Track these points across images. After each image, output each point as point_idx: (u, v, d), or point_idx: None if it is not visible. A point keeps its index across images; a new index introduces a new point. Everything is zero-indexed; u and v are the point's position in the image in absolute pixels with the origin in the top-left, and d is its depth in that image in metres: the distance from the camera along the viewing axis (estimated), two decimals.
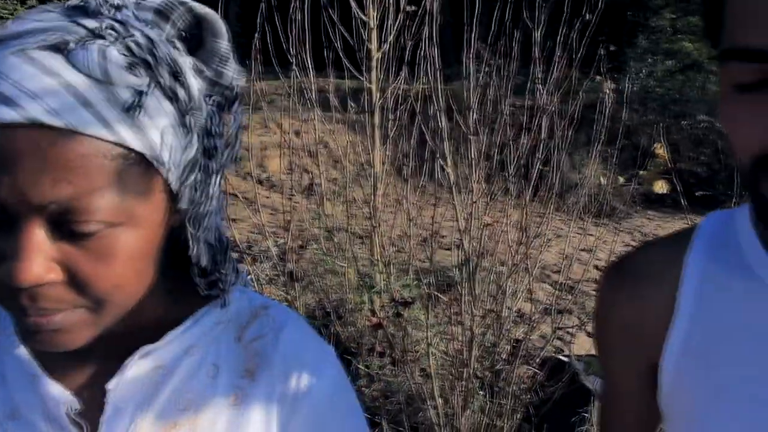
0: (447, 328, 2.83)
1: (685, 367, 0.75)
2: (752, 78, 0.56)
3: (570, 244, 3.61)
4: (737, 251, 0.72)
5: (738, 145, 0.60)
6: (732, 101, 0.59)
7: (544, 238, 3.67)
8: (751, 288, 0.71)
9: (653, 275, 0.79)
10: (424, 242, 4.53)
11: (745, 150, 0.58)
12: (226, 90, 0.71)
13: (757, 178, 0.60)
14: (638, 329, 0.79)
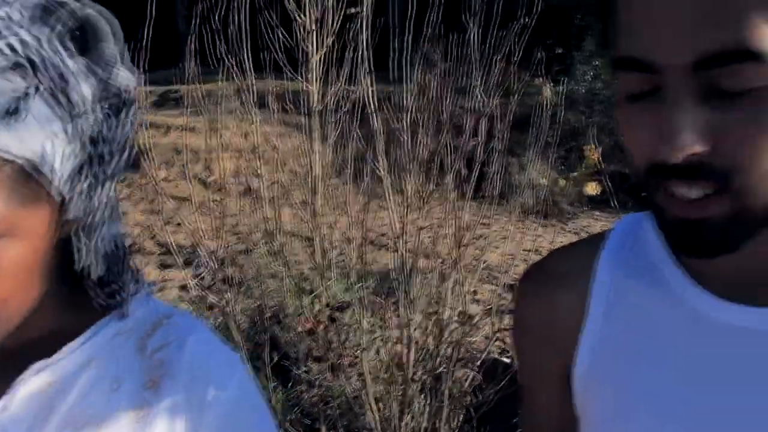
0: (387, 332, 2.82)
1: (594, 373, 0.75)
2: (641, 88, 0.57)
3: (515, 244, 3.65)
4: (645, 255, 0.73)
5: (631, 153, 0.60)
6: (624, 109, 0.59)
7: (486, 239, 3.71)
8: (657, 293, 0.71)
9: (566, 280, 0.79)
10: (370, 244, 4.51)
11: (638, 158, 0.59)
12: (117, 93, 0.67)
13: (650, 186, 0.60)
14: (552, 334, 0.79)
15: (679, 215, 0.59)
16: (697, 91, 0.53)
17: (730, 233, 0.58)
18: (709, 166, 0.55)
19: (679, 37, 0.52)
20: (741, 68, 0.51)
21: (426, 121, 2.73)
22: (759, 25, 0.50)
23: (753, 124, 0.53)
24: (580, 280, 0.77)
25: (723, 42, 0.51)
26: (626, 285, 0.74)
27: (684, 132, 0.53)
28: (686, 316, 0.68)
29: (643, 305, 0.72)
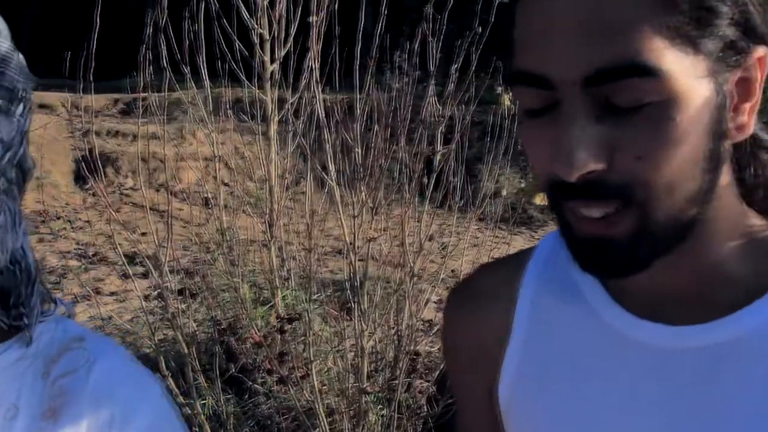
0: (343, 343, 2.80)
1: (517, 393, 0.74)
2: (539, 103, 0.56)
3: (485, 252, 3.64)
4: (567, 272, 0.72)
5: (534, 168, 0.59)
6: (525, 125, 0.58)
7: (455, 247, 3.70)
8: (577, 311, 0.70)
9: (491, 297, 0.78)
10: (338, 254, 4.50)
11: (541, 176, 0.58)
12: (6, 92, 0.65)
13: (554, 203, 0.60)
14: (479, 353, 0.78)
15: (584, 234, 0.58)
16: (591, 107, 0.53)
17: (638, 251, 0.57)
18: (608, 182, 0.54)
19: (571, 53, 0.51)
20: (633, 83, 0.51)
21: (381, 130, 2.72)
22: (651, 41, 0.50)
23: (649, 139, 0.52)
24: (504, 297, 0.76)
25: (614, 57, 0.50)
26: (548, 303, 0.73)
27: (578, 150, 0.53)
28: (604, 334, 0.68)
29: (564, 324, 0.71)
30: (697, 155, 0.55)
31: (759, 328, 0.60)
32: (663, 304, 0.65)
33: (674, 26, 0.51)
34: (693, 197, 0.56)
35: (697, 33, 0.52)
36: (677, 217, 0.56)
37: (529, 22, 0.55)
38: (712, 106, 0.55)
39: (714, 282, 0.63)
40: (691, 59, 0.52)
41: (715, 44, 0.53)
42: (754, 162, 0.67)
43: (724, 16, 0.53)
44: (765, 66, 0.57)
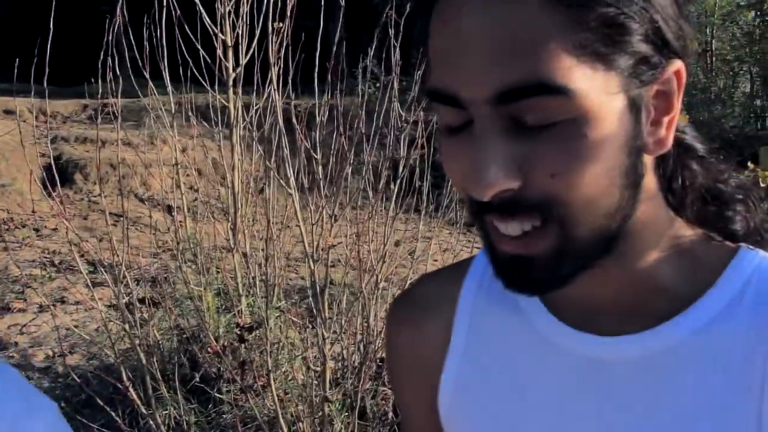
0: (307, 351, 2.79)
1: (456, 404, 0.74)
2: (453, 121, 0.56)
3: (454, 257, 3.65)
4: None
5: (453, 185, 0.59)
6: (443, 141, 0.58)
7: (418, 252, 3.71)
8: (514, 321, 0.70)
9: (432, 307, 0.77)
10: (297, 261, 4.47)
11: (460, 192, 0.58)
12: None
13: (475, 220, 0.59)
14: (420, 363, 0.77)
15: (505, 251, 0.57)
16: (502, 125, 0.52)
17: (559, 267, 0.57)
18: (525, 200, 0.54)
19: (480, 73, 0.51)
20: (542, 102, 0.51)
21: (345, 136, 2.71)
22: (559, 59, 0.50)
23: (561, 157, 0.52)
24: (444, 308, 0.76)
25: (522, 76, 0.50)
26: (486, 312, 0.73)
27: (489, 170, 0.52)
28: (539, 344, 0.67)
29: (501, 333, 0.71)
30: (614, 171, 0.54)
31: (689, 337, 0.61)
32: (596, 314, 0.65)
33: (583, 44, 0.50)
34: (613, 213, 0.56)
35: (607, 50, 0.51)
36: (598, 232, 0.56)
37: (441, 40, 0.54)
38: (627, 121, 0.54)
39: (645, 292, 0.63)
40: (602, 76, 0.52)
41: (626, 60, 0.52)
42: (683, 171, 0.67)
43: (634, 32, 0.52)
44: (682, 79, 0.57)
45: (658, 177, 0.63)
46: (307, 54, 3.16)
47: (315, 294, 2.32)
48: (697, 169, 0.68)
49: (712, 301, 0.61)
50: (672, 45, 0.55)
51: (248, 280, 3.18)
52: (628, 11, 0.51)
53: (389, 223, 2.72)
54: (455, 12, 0.52)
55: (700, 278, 0.63)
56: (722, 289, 0.62)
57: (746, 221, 0.67)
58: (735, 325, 0.60)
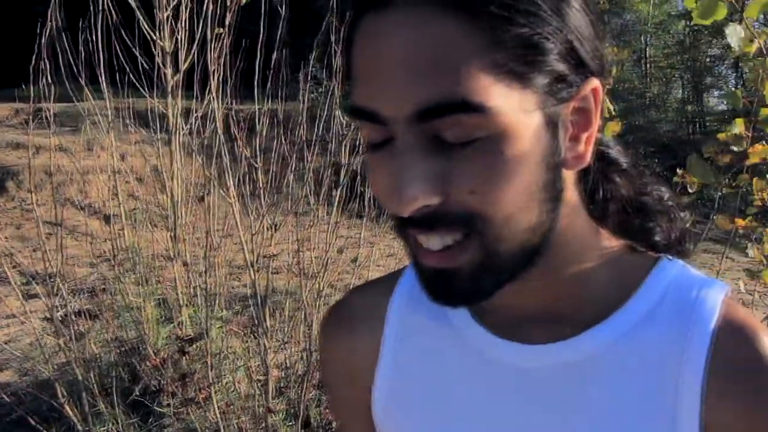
0: (250, 361, 2.75)
1: (389, 411, 0.74)
2: (376, 137, 0.56)
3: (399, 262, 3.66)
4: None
5: (378, 199, 0.59)
6: (368, 157, 0.59)
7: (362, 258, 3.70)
8: (442, 331, 0.71)
9: (363, 319, 0.77)
10: (239, 269, 4.41)
11: (384, 207, 0.58)
12: None
13: (400, 234, 0.60)
14: (353, 374, 0.77)
15: (428, 265, 0.58)
16: (423, 142, 0.53)
17: (481, 281, 0.57)
18: (446, 215, 0.54)
19: (399, 91, 0.51)
20: (460, 119, 0.51)
21: (287, 143, 2.69)
22: (477, 78, 0.50)
23: (480, 173, 0.52)
24: (375, 319, 0.76)
25: (440, 95, 0.50)
26: (415, 323, 0.73)
27: (409, 186, 0.52)
28: (467, 353, 0.68)
29: (430, 343, 0.72)
30: (533, 187, 0.55)
31: (612, 343, 0.62)
32: (523, 323, 0.66)
33: (500, 63, 0.51)
34: (533, 227, 0.57)
35: (523, 68, 0.52)
36: (519, 246, 0.57)
37: (362, 59, 0.54)
38: (544, 138, 0.55)
39: (570, 301, 0.65)
40: (518, 94, 0.52)
41: (543, 79, 0.53)
42: (606, 184, 0.69)
43: (550, 51, 0.53)
44: (599, 97, 0.58)
45: (580, 190, 0.65)
46: (251, 59, 3.13)
47: (257, 303, 2.29)
48: (621, 182, 0.70)
49: (634, 309, 0.63)
50: (588, 64, 0.57)
51: (189, 290, 3.12)
52: (542, 32, 0.52)
53: (332, 230, 2.72)
54: (377, 31, 0.53)
55: (623, 287, 0.65)
56: (643, 298, 0.64)
57: (667, 233, 0.70)
58: (654, 332, 0.62)
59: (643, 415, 0.60)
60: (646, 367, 0.61)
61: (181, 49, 3.00)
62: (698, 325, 0.61)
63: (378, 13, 0.53)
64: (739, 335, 0.60)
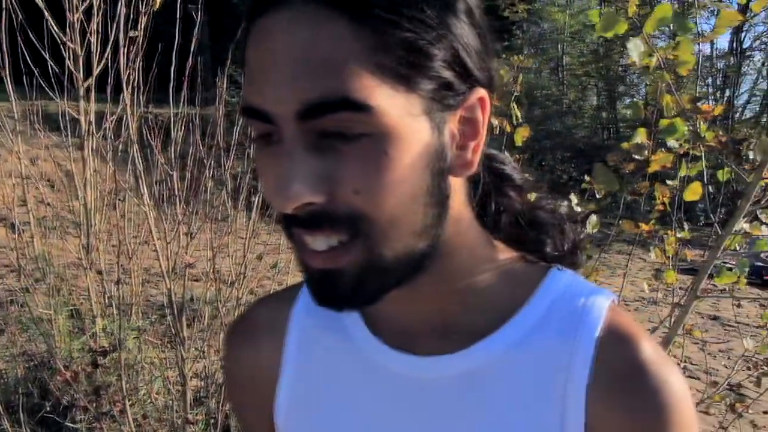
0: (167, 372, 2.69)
1: (290, 423, 0.73)
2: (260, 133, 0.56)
3: None
4: None
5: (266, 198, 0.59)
6: (257, 155, 0.59)
7: (282, 264, 3.67)
8: (339, 343, 0.71)
9: (266, 330, 0.77)
10: (158, 276, 4.30)
11: (273, 206, 0.57)
12: None
13: (287, 234, 0.59)
14: (257, 387, 0.77)
15: (313, 266, 0.58)
16: (308, 140, 0.53)
17: (365, 284, 0.57)
18: (331, 214, 0.54)
19: (284, 88, 0.52)
20: (344, 118, 0.52)
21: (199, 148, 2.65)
22: (361, 77, 0.51)
23: (364, 173, 0.53)
24: (277, 330, 0.76)
25: (324, 93, 0.51)
26: (315, 334, 0.73)
27: (293, 183, 0.53)
28: (363, 365, 0.69)
29: (328, 355, 0.72)
30: (418, 190, 0.56)
31: (503, 352, 0.64)
32: (415, 334, 0.67)
33: (385, 65, 0.52)
34: (419, 231, 0.58)
35: (408, 72, 0.53)
36: (405, 250, 0.57)
37: (254, 58, 0.55)
38: (431, 143, 0.56)
39: (461, 311, 0.66)
40: (404, 97, 0.53)
41: (428, 84, 0.54)
42: (498, 197, 0.72)
43: (435, 57, 0.54)
44: (487, 108, 0.59)
45: (472, 202, 0.66)
46: (169, 63, 3.06)
47: (173, 313, 2.25)
48: (514, 196, 0.72)
49: (524, 319, 0.65)
50: (474, 74, 0.58)
51: (104, 300, 3.03)
52: (428, 37, 0.53)
53: (251, 236, 2.69)
54: (266, 30, 0.53)
55: (515, 297, 0.67)
56: (533, 308, 0.66)
57: (559, 244, 0.72)
58: (543, 341, 0.64)
59: (533, 424, 0.62)
60: (537, 376, 0.63)
61: (95, 52, 2.90)
62: (584, 333, 0.63)
63: (268, 13, 0.53)
64: (620, 342, 0.62)
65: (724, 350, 6.39)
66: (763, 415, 4.50)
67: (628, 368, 0.61)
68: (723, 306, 7.95)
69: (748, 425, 2.52)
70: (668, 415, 0.60)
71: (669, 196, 2.31)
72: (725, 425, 2.46)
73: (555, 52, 22.06)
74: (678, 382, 0.61)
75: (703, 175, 2.05)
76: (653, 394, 0.60)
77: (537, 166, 14.94)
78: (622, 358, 0.61)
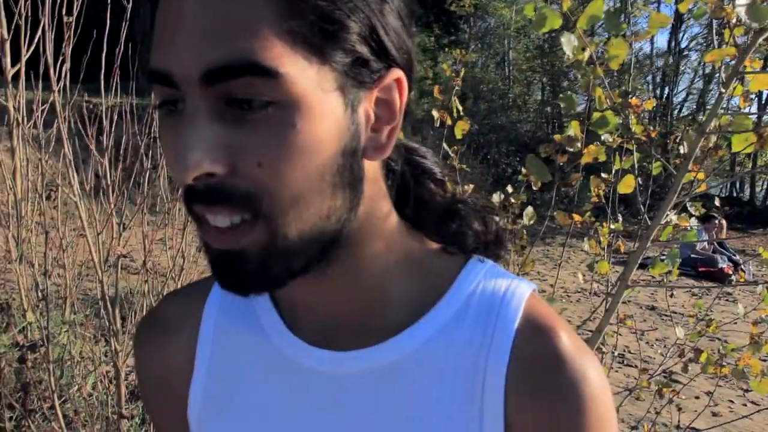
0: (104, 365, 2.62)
1: (204, 422, 0.71)
2: (163, 99, 0.53)
3: None
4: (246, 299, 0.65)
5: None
6: (161, 124, 0.55)
7: None
8: (255, 339, 0.69)
9: (176, 326, 0.74)
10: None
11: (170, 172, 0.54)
12: None
13: (188, 208, 0.56)
14: (169, 383, 0.74)
15: (214, 246, 0.54)
16: (212, 106, 0.50)
17: (269, 267, 0.54)
18: (232, 189, 0.51)
19: (189, 50, 0.49)
20: (249, 82, 0.49)
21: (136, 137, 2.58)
22: (269, 41, 0.48)
23: (268, 144, 0.50)
24: (188, 327, 0.73)
25: (228, 55, 0.48)
26: (229, 330, 0.71)
27: (191, 151, 0.49)
28: (280, 362, 0.66)
29: (243, 352, 0.69)
30: (326, 169, 0.53)
31: (419, 347, 0.63)
32: (331, 329, 0.65)
33: (297, 32, 0.50)
34: (326, 213, 0.55)
35: (322, 43, 0.51)
36: (309, 233, 0.55)
37: (160, 20, 0.52)
38: (342, 120, 0.54)
39: (377, 304, 0.65)
40: (316, 68, 0.51)
41: (342, 57, 0.52)
42: (418, 189, 0.70)
43: (350, 30, 0.52)
44: (404, 90, 0.57)
45: (389, 190, 0.65)
46: (109, 48, 2.97)
47: (105, 306, 2.19)
48: (434, 189, 0.71)
49: (440, 312, 0.64)
50: (392, 53, 0.56)
51: (36, 294, 2.93)
52: (343, 8, 0.51)
53: (189, 228, 2.65)
54: None
55: (432, 290, 0.65)
56: (450, 301, 0.65)
57: (482, 236, 0.71)
58: (461, 334, 0.63)
59: (451, 418, 0.61)
60: (454, 370, 0.62)
61: (23, 36, 2.80)
62: (502, 324, 0.62)
63: None
64: (538, 334, 0.62)
65: (660, 338, 6.62)
66: (694, 400, 4.67)
67: (545, 360, 0.61)
68: (660, 296, 8.21)
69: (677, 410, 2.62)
70: (585, 407, 0.60)
71: (603, 188, 2.37)
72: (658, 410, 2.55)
73: (501, 47, 22.33)
74: (596, 374, 0.61)
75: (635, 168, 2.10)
76: (570, 385, 0.60)
77: (482, 160, 15.10)
78: (539, 350, 0.61)
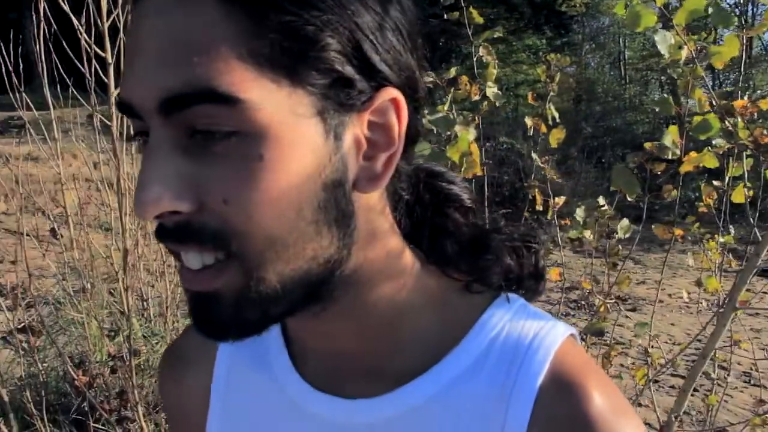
0: None
1: None
2: (135, 130, 0.50)
3: None
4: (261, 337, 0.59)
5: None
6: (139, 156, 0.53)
7: None
8: (264, 380, 0.65)
9: (194, 361, 0.72)
10: None
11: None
12: None
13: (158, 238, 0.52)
14: (187, 418, 0.73)
15: (188, 287, 0.50)
16: (174, 138, 0.46)
17: (244, 311, 0.49)
18: (200, 227, 0.47)
19: (147, 78, 0.45)
20: (209, 111, 0.45)
21: None
22: (229, 66, 0.44)
23: (233, 178, 0.45)
24: (204, 363, 0.71)
25: (186, 82, 0.44)
26: (241, 369, 0.68)
27: (152, 186, 0.45)
28: (286, 406, 0.63)
29: (254, 394, 0.66)
30: (305, 205, 0.48)
31: (433, 397, 0.56)
32: (339, 373, 0.60)
33: (261, 53, 0.45)
34: (313, 254, 0.49)
35: (292, 63, 0.45)
36: (294, 276, 0.49)
37: (126, 48, 0.48)
38: (322, 149, 0.48)
39: (387, 349, 0.58)
40: (286, 92, 0.46)
41: (319, 79, 0.47)
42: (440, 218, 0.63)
43: (328, 48, 0.46)
44: (402, 112, 0.51)
45: (398, 222, 0.58)
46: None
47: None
48: (459, 219, 0.63)
49: (456, 360, 0.57)
50: (382, 71, 0.49)
51: (141, 303, 3.06)
52: (315, 22, 0.45)
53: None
54: (138, 16, 0.47)
55: (449, 334, 0.58)
56: (468, 346, 0.57)
57: (515, 270, 0.63)
58: (476, 387, 0.56)
59: None
60: (468, 422, 0.55)
61: None
62: (524, 378, 0.54)
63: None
64: (564, 391, 0.53)
65: None
66: None
67: (571, 423, 0.51)
68: None
69: None
70: None
71: (714, 197, 2.17)
72: None
73: (615, 46, 21.51)
74: None
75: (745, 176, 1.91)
76: None
77: (596, 164, 14.54)
78: (564, 412, 0.52)
